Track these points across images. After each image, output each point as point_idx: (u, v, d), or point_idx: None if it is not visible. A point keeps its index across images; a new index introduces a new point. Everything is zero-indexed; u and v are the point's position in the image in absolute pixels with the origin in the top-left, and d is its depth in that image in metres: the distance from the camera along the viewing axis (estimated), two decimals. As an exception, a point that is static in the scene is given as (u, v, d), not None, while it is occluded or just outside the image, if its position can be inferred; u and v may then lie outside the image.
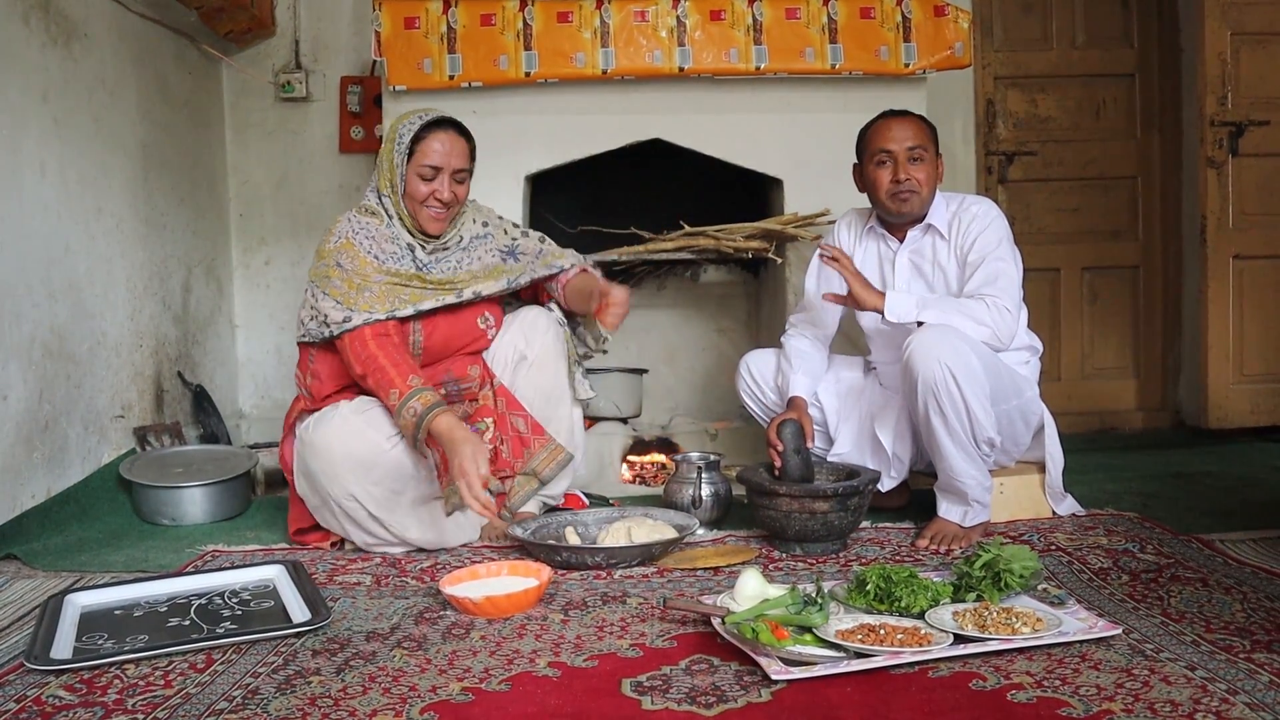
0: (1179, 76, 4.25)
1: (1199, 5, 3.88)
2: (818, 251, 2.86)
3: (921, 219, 2.64)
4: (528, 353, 2.65)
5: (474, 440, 2.27)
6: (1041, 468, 2.66)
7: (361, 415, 2.43)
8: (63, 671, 1.74)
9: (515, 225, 2.77)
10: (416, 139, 2.49)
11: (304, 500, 2.54)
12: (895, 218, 2.64)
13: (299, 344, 2.60)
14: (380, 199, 2.55)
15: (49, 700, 1.62)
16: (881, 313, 2.48)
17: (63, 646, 1.85)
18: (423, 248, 2.55)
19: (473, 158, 2.58)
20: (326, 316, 2.44)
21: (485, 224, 2.70)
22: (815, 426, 2.70)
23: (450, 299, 2.53)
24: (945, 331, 2.38)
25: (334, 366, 2.51)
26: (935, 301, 2.49)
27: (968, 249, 2.58)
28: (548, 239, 2.78)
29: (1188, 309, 4.26)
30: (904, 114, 2.65)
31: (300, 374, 2.61)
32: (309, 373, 2.57)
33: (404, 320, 2.48)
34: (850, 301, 2.54)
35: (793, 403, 2.68)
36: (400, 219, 2.54)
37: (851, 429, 2.75)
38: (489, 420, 2.64)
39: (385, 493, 2.43)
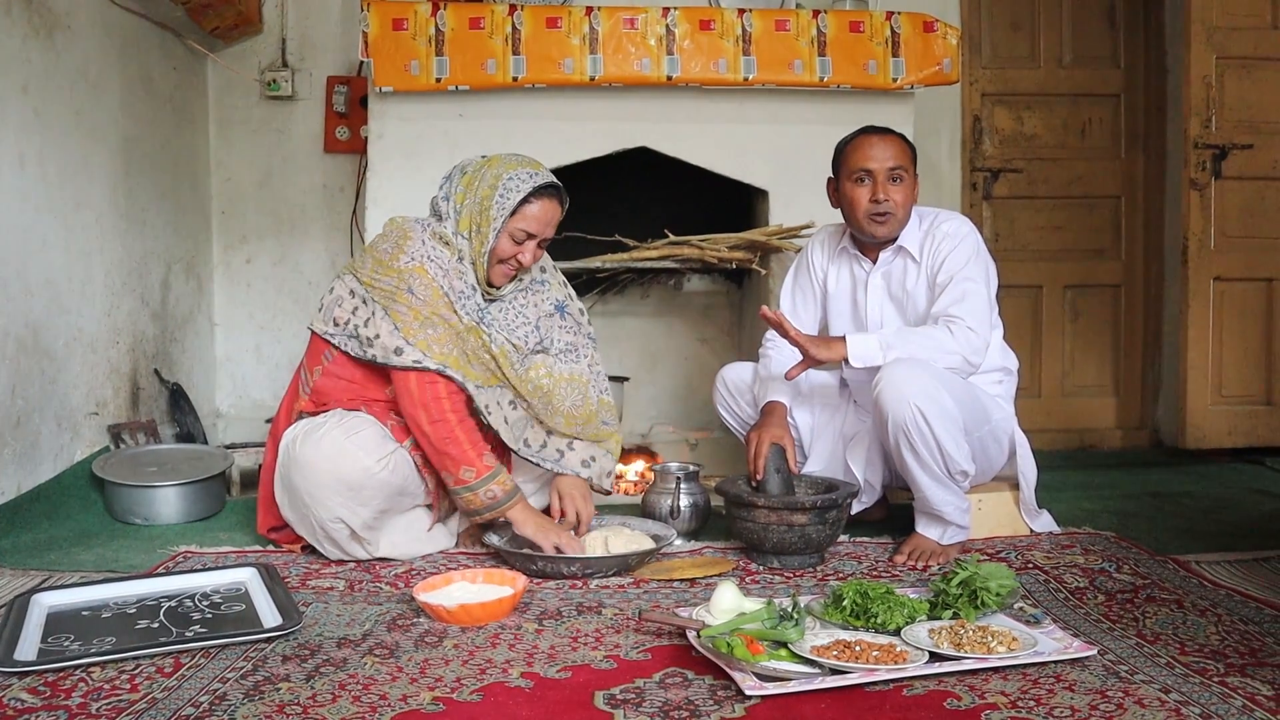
0: (1164, 98, 4.29)
1: (1185, 28, 3.91)
2: (792, 269, 2.86)
3: (894, 239, 2.62)
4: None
5: (554, 528, 2.40)
6: (1018, 484, 2.66)
7: (353, 438, 2.34)
8: (26, 674, 1.71)
9: (565, 281, 2.71)
10: (524, 200, 2.40)
11: (280, 509, 2.48)
12: (870, 240, 2.63)
13: (317, 336, 2.48)
14: (457, 235, 2.46)
15: (10, 703, 1.60)
16: (846, 360, 2.44)
17: (27, 648, 1.82)
18: (485, 293, 2.49)
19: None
20: (377, 338, 2.36)
21: (543, 269, 2.65)
22: (794, 441, 2.68)
23: (484, 384, 2.43)
24: (914, 367, 2.35)
25: (356, 379, 2.44)
26: (898, 338, 2.45)
27: (936, 270, 2.55)
28: (586, 313, 2.71)
29: (1168, 329, 4.29)
30: (885, 132, 2.61)
31: (308, 366, 2.51)
32: (320, 369, 2.47)
33: (452, 377, 2.38)
34: (811, 363, 2.48)
35: (771, 408, 2.65)
36: (474, 263, 2.46)
37: (825, 449, 2.74)
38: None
39: (373, 513, 2.38)
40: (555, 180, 2.48)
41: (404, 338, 2.34)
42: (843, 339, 2.46)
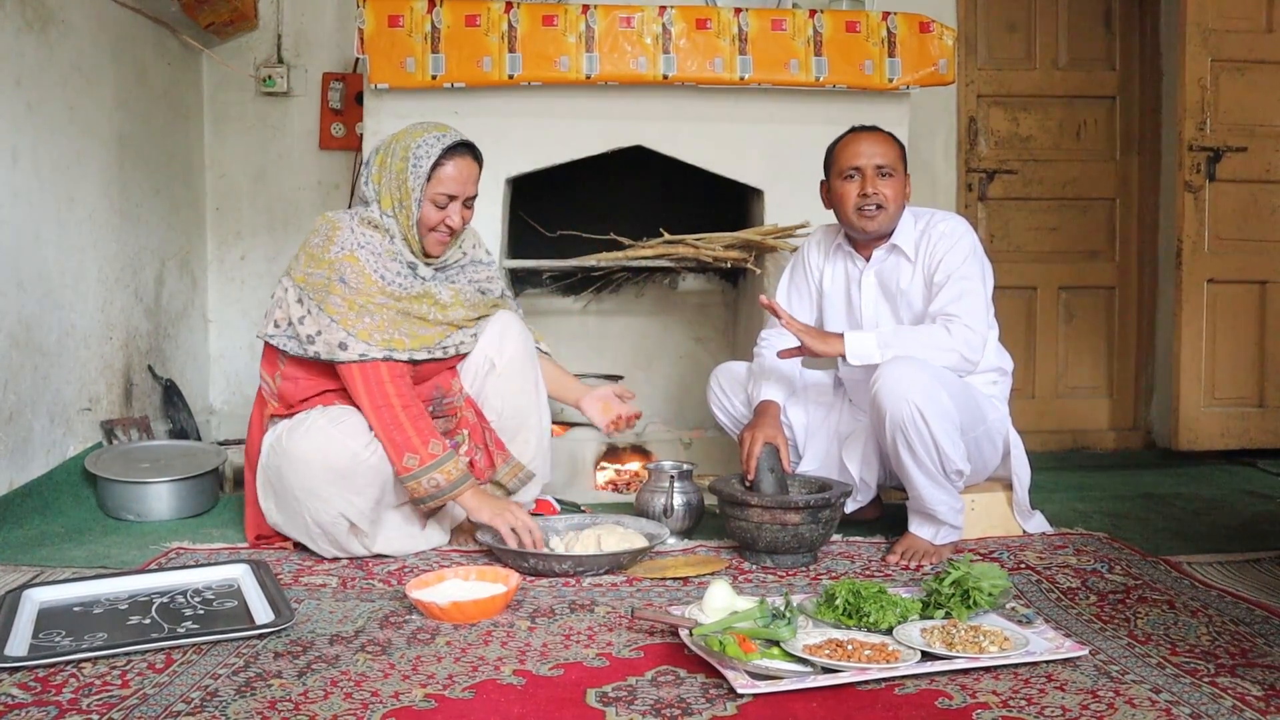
0: (1159, 101, 4.29)
1: (1180, 31, 3.92)
2: (788, 268, 2.86)
3: (887, 237, 2.63)
4: (497, 360, 2.58)
5: (509, 509, 2.37)
6: (1011, 485, 2.67)
7: (338, 426, 2.35)
8: (17, 669, 1.71)
9: (483, 243, 2.74)
10: (436, 164, 2.41)
11: (265, 517, 2.47)
12: (861, 235, 2.63)
13: (266, 343, 2.50)
14: (384, 215, 2.45)
15: (1, 698, 1.59)
16: (843, 356, 2.46)
17: (18, 643, 1.82)
18: (425, 265, 2.50)
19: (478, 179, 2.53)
20: (319, 334, 2.36)
21: (474, 245, 2.68)
22: (787, 441, 2.68)
23: (440, 344, 2.47)
24: (913, 365, 2.36)
25: (311, 374, 2.45)
26: (896, 336, 2.46)
27: (933, 270, 2.56)
28: (495, 264, 2.75)
29: (1161, 331, 4.30)
30: (873, 130, 2.63)
31: (267, 374, 2.51)
32: (279, 374, 2.48)
33: (399, 360, 2.39)
34: (806, 352, 2.50)
35: (764, 408, 2.65)
36: (405, 239, 2.46)
37: (819, 448, 2.74)
38: (465, 432, 2.59)
39: (369, 503, 2.38)
40: (465, 138, 2.48)
41: (345, 330, 2.34)
42: (841, 336, 2.47)
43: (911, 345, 2.43)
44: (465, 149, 2.46)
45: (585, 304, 4.11)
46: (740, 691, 1.59)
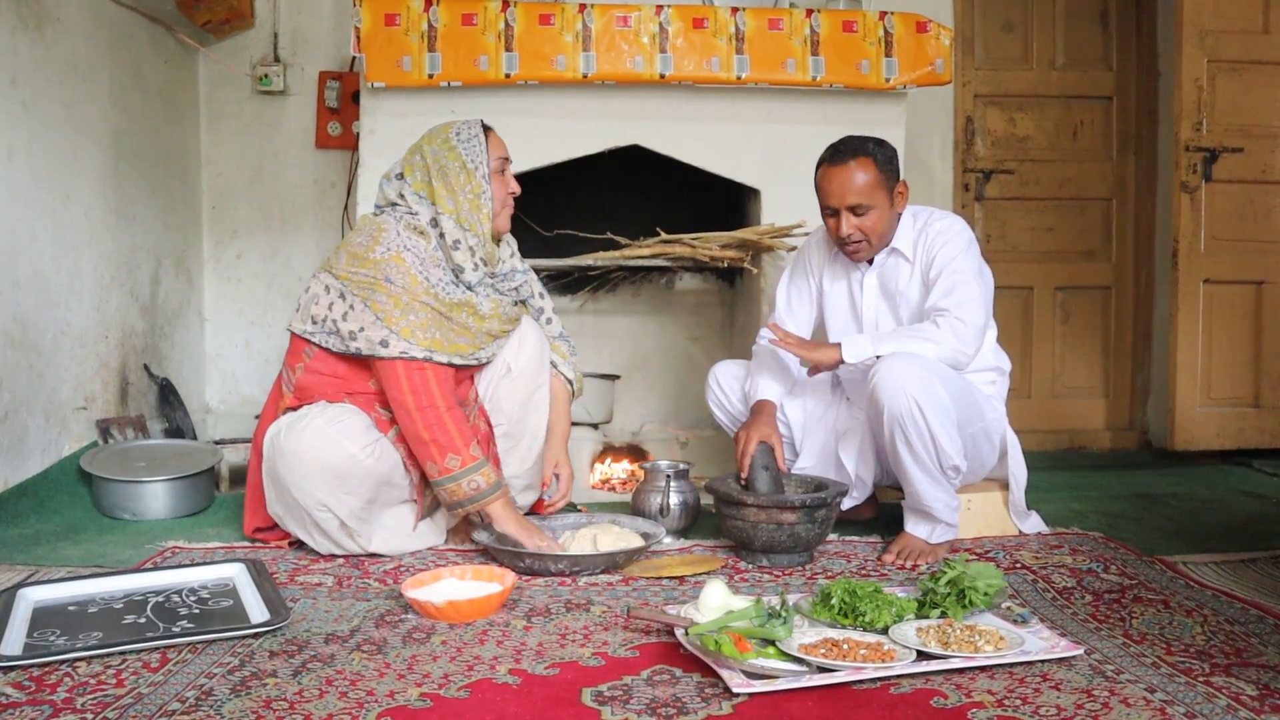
0: (1156, 101, 4.30)
1: (1177, 32, 3.92)
2: (789, 267, 2.87)
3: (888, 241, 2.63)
4: (513, 365, 2.61)
5: (537, 531, 2.40)
6: (1008, 484, 2.67)
7: (336, 425, 2.35)
8: (11, 668, 1.71)
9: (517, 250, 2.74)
10: (485, 135, 2.50)
11: (267, 505, 2.47)
12: (853, 261, 2.65)
13: (296, 336, 2.49)
14: (439, 219, 2.45)
15: (-5, 697, 1.59)
16: (841, 361, 2.48)
17: (13, 643, 1.81)
18: (473, 270, 2.49)
19: None
20: (361, 330, 2.36)
21: (512, 254, 2.68)
22: (782, 440, 2.69)
23: (473, 353, 2.47)
24: (911, 360, 2.37)
25: (338, 374, 2.44)
26: (890, 335, 2.49)
27: (929, 267, 2.57)
28: (546, 295, 2.79)
29: (1157, 331, 4.30)
30: (844, 162, 2.50)
31: (289, 366, 2.50)
32: (302, 367, 2.47)
33: (439, 363, 2.39)
34: (813, 370, 2.56)
35: (760, 407, 2.66)
36: (471, 230, 2.46)
37: (816, 445, 2.75)
38: (475, 440, 2.58)
39: (360, 503, 2.38)
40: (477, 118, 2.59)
41: (388, 327, 2.34)
42: (837, 345, 2.49)
43: (905, 341, 2.44)
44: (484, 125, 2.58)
45: (582, 303, 4.11)
46: (736, 691, 1.59)
